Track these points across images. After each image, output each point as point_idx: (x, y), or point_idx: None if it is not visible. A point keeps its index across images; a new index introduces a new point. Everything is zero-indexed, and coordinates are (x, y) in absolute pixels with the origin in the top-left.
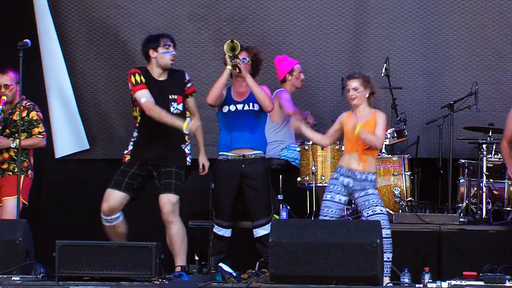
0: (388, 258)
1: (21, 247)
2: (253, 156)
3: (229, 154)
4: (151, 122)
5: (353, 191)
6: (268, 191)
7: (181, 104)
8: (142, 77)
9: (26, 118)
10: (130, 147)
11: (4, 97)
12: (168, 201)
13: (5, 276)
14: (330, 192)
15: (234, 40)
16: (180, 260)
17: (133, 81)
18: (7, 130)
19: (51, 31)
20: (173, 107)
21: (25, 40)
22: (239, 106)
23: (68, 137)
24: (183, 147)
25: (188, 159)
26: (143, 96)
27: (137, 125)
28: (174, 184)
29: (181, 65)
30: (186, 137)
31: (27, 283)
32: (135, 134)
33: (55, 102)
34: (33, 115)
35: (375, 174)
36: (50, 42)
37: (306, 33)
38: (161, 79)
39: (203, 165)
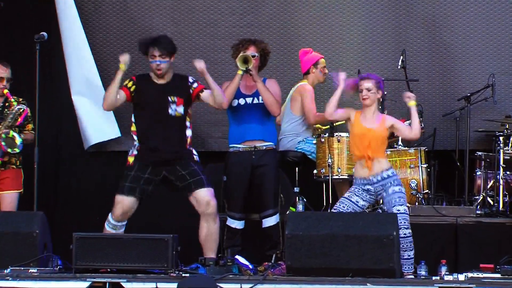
0: (409, 255)
1: (38, 240)
2: (264, 148)
3: (240, 146)
4: (146, 124)
5: (377, 194)
6: (277, 183)
7: (181, 107)
8: (130, 83)
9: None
10: (135, 152)
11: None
12: (211, 195)
13: (22, 268)
14: (350, 192)
15: (247, 54)
16: (212, 254)
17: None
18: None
19: (76, 21)
20: (172, 109)
21: (41, 33)
22: (248, 100)
23: (100, 126)
24: (190, 148)
25: (196, 158)
26: None
27: (136, 133)
28: (205, 178)
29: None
30: (189, 140)
31: (44, 275)
32: (136, 143)
33: (83, 93)
34: (28, 112)
35: (391, 168)
36: (75, 32)
37: (321, 25)
38: (160, 82)
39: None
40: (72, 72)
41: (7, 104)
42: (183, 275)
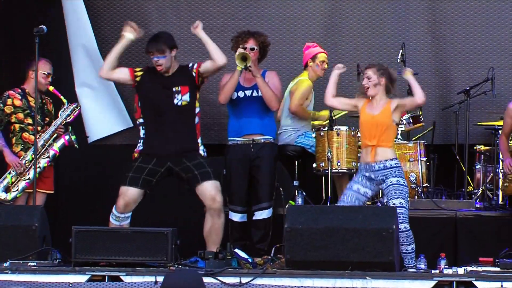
0: (407, 250)
1: (37, 233)
2: (262, 141)
3: (238, 139)
4: (151, 115)
5: (377, 183)
6: (273, 176)
7: (187, 94)
8: (140, 72)
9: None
10: (140, 146)
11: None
12: (217, 189)
13: (21, 261)
14: (352, 181)
15: (245, 52)
16: (215, 247)
17: None
18: (47, 119)
19: (83, 13)
20: (177, 99)
21: (40, 26)
22: (248, 92)
23: (110, 117)
24: (198, 141)
25: (201, 151)
26: None
27: (143, 124)
28: (212, 171)
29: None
30: (197, 129)
31: (44, 268)
32: (142, 132)
33: (89, 85)
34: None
35: (395, 159)
36: (81, 24)
37: (320, 19)
38: (165, 75)
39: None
40: (77, 64)
41: (43, 101)
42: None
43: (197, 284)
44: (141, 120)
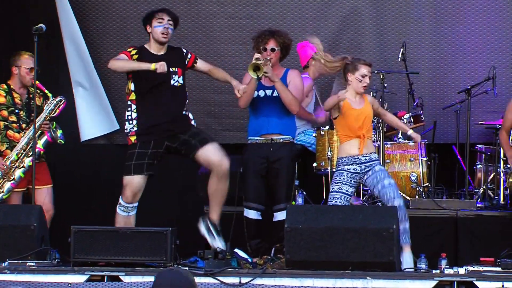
0: (405, 228)
1: (36, 233)
2: (281, 141)
3: (257, 138)
4: (147, 96)
5: (361, 176)
6: (291, 177)
7: (182, 77)
8: (134, 51)
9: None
10: (134, 128)
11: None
12: (220, 151)
13: (20, 261)
14: (337, 183)
15: (256, 62)
16: (216, 212)
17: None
18: (32, 115)
19: (71, 16)
20: (174, 79)
21: (39, 25)
22: (268, 92)
23: (99, 119)
24: (186, 113)
25: (193, 122)
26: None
27: (135, 103)
28: (209, 136)
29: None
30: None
31: (42, 268)
32: (134, 114)
33: (83, 85)
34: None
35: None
36: (71, 24)
37: (322, 19)
38: (160, 53)
39: (239, 89)
40: (72, 64)
41: (31, 95)
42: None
43: (188, 284)
44: (133, 101)
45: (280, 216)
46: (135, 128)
